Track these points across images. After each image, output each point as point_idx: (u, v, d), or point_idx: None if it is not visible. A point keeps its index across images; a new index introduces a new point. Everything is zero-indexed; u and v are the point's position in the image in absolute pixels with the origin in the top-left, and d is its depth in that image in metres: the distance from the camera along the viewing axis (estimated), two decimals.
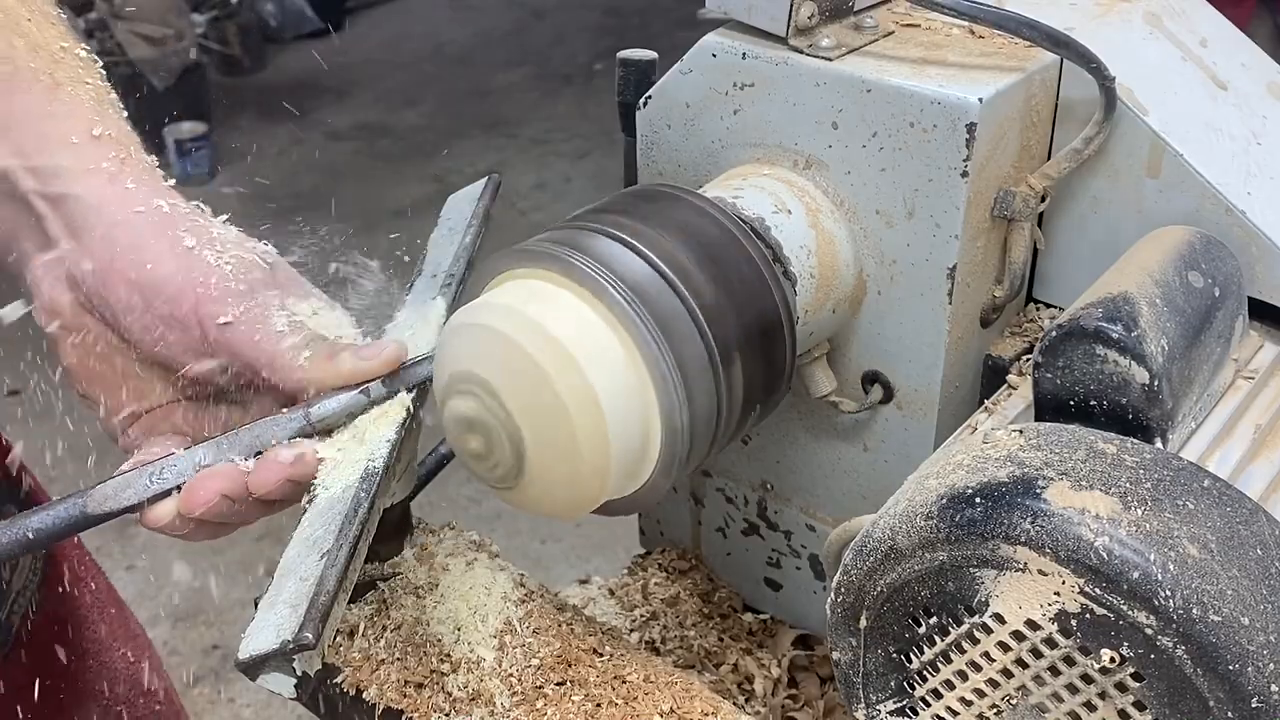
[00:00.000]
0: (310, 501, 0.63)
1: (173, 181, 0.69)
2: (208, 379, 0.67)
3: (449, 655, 0.72)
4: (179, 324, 0.65)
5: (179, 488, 0.65)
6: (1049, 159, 0.75)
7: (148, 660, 1.06)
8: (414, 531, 0.80)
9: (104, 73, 0.71)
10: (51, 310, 0.67)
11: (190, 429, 0.70)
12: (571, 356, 0.61)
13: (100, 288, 0.65)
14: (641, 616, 0.88)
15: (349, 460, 0.64)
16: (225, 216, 0.70)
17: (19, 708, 0.87)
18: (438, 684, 0.71)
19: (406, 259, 0.79)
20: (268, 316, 0.65)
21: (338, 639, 0.73)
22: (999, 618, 0.50)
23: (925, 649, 0.54)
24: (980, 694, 0.53)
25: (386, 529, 0.76)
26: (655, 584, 0.91)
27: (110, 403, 0.69)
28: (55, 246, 0.66)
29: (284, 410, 0.66)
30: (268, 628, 0.56)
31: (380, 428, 0.65)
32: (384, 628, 0.74)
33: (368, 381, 0.65)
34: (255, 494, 0.64)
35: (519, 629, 0.73)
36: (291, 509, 0.66)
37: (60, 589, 0.95)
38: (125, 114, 0.70)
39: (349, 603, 0.74)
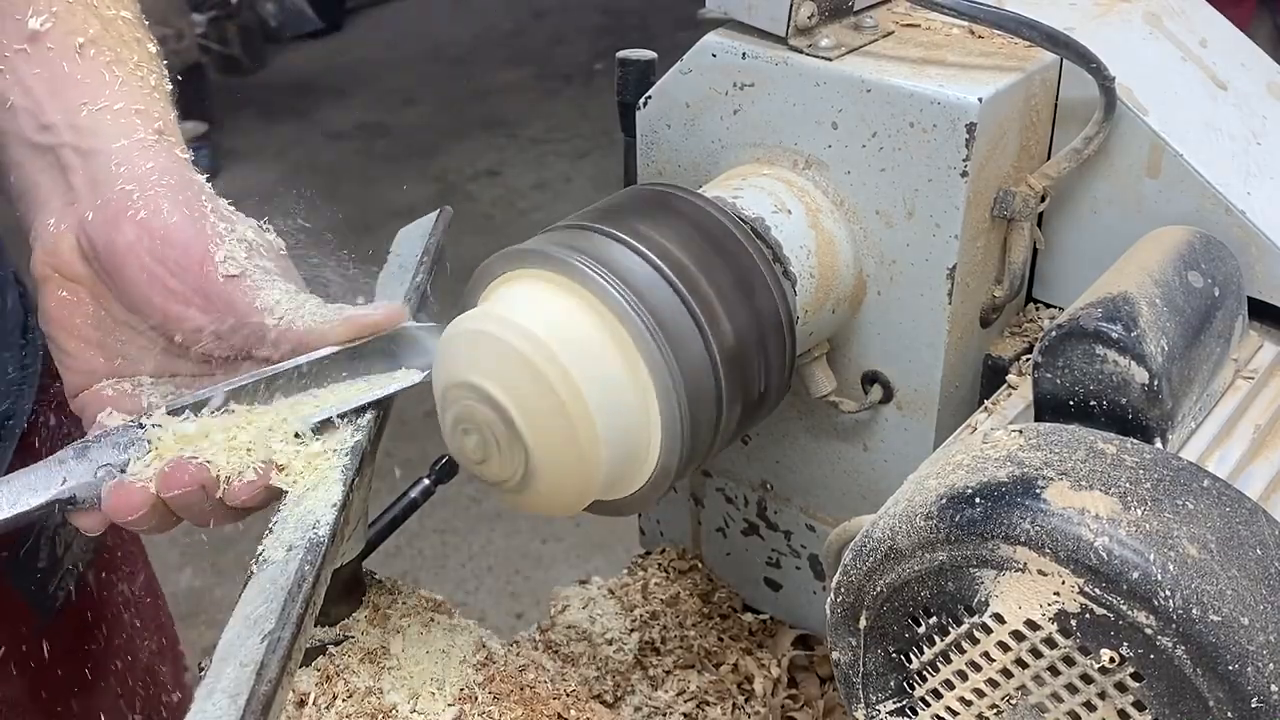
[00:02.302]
0: (251, 574, 0.60)
1: (206, 176, 0.70)
2: (192, 334, 0.66)
3: None
4: (182, 270, 0.65)
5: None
6: (1049, 159, 0.75)
7: (170, 654, 1.07)
8: (367, 590, 0.76)
9: (166, 71, 0.74)
10: (49, 251, 0.67)
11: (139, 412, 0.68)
12: (571, 358, 0.60)
13: (107, 228, 0.66)
14: (641, 616, 0.88)
15: (292, 516, 0.61)
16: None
17: (49, 678, 0.88)
18: None
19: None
20: (271, 283, 0.65)
21: (286, 711, 0.68)
22: (999, 618, 0.50)
23: (925, 649, 0.54)
24: (980, 694, 0.53)
25: (337, 589, 0.71)
26: (655, 584, 0.91)
27: (80, 358, 0.68)
28: (75, 197, 0.67)
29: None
30: None
31: (322, 489, 0.62)
32: (335, 696, 0.69)
33: (354, 342, 0.65)
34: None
35: (479, 695, 0.69)
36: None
37: (105, 573, 0.95)
38: (175, 111, 0.73)
39: (299, 666, 0.68)
